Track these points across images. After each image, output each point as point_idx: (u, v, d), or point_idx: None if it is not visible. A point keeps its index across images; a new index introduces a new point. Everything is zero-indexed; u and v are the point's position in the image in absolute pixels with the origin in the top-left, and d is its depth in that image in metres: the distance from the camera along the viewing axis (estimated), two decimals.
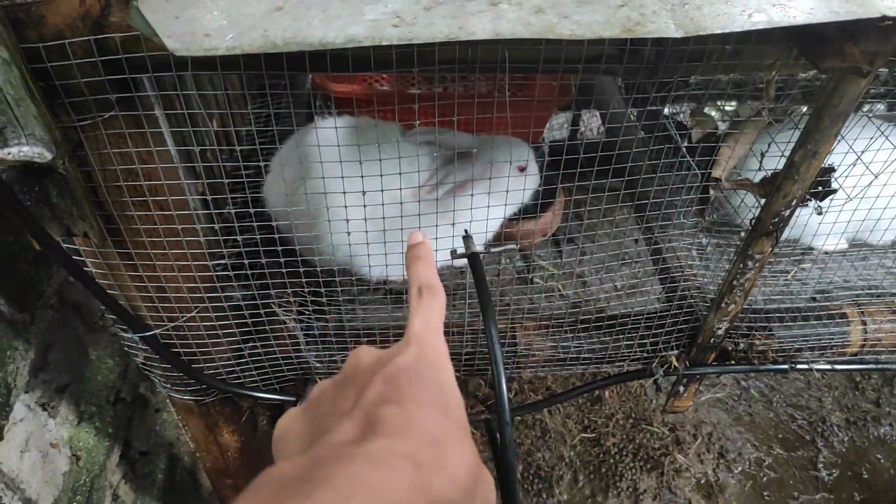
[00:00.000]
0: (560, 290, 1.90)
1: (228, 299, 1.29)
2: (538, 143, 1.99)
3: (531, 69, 0.96)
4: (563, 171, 1.58)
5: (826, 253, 1.72)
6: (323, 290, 1.50)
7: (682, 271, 1.56)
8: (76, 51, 0.85)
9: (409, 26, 0.77)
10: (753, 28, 0.79)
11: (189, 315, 1.23)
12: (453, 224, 1.25)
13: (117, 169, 0.97)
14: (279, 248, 1.22)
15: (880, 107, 1.85)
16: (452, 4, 0.82)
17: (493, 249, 1.20)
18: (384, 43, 0.75)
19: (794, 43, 0.90)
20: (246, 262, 1.23)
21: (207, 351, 1.33)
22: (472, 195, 1.44)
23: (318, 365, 1.45)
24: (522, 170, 1.67)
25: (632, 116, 1.54)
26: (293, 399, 1.46)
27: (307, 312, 1.47)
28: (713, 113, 1.48)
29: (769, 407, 3.02)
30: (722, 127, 1.46)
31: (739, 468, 2.81)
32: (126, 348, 1.34)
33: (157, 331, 1.24)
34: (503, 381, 1.11)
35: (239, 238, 1.21)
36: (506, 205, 1.64)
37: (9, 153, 0.87)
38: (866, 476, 2.81)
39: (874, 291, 1.64)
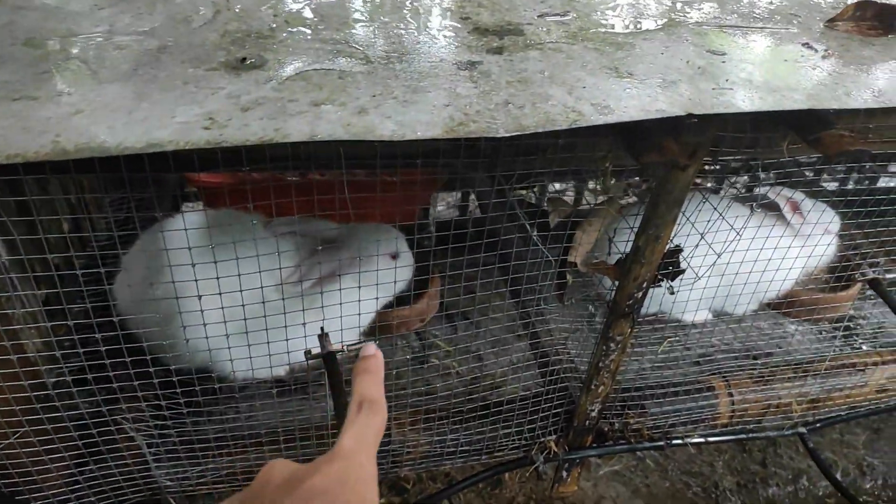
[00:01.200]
0: (457, 370, 1.86)
1: (62, 418, 1.15)
2: (412, 223, 1.99)
3: (369, 164, 0.94)
4: (442, 250, 1.57)
5: (692, 325, 1.78)
6: (179, 398, 1.38)
7: (556, 352, 1.56)
8: None
9: (221, 129, 0.74)
10: (573, 126, 0.81)
11: (6, 442, 1.09)
12: (323, 319, 1.20)
13: None
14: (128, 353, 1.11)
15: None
16: (273, 105, 0.79)
17: (349, 348, 1.15)
18: (190, 147, 0.71)
19: (619, 139, 0.94)
20: (88, 371, 1.11)
21: (33, 479, 1.17)
22: (339, 288, 1.39)
23: (169, 484, 1.31)
24: (394, 257, 1.64)
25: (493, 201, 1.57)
26: None
27: (159, 424, 1.34)
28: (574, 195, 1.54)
29: (665, 476, 3.04)
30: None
31: None
32: None
33: None
34: None
35: (82, 345, 1.09)
36: (377, 297, 1.60)
37: None
38: None
39: (739, 361, 1.70)
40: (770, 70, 0.96)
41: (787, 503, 3.10)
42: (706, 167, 1.12)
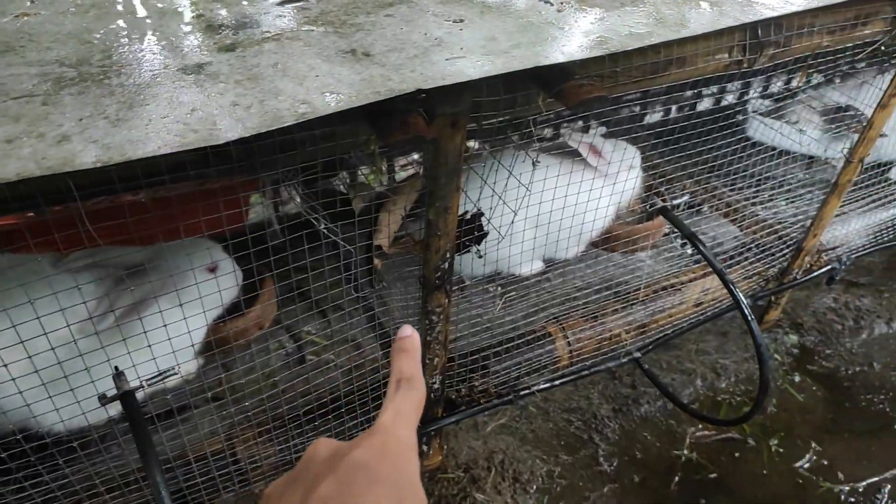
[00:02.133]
0: (334, 360, 1.82)
1: None
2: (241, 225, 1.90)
3: (108, 191, 0.87)
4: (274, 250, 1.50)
5: (525, 278, 1.84)
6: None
7: (393, 332, 1.55)
8: None
9: None
10: (301, 120, 0.79)
11: None
12: (150, 345, 1.11)
13: None
14: None
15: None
16: None
17: (149, 382, 1.08)
18: None
19: (367, 121, 0.93)
20: None
21: None
22: (159, 311, 1.30)
23: None
24: (213, 270, 1.57)
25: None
26: None
27: None
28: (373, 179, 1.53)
29: (548, 418, 3.19)
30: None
31: (534, 486, 2.92)
32: None
33: None
34: None
35: None
36: (204, 312, 1.52)
37: None
38: (640, 456, 3.08)
39: (570, 303, 1.79)
40: (506, 31, 0.98)
41: (659, 416, 3.32)
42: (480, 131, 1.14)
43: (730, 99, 2.26)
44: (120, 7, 1.03)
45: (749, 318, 1.37)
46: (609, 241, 1.81)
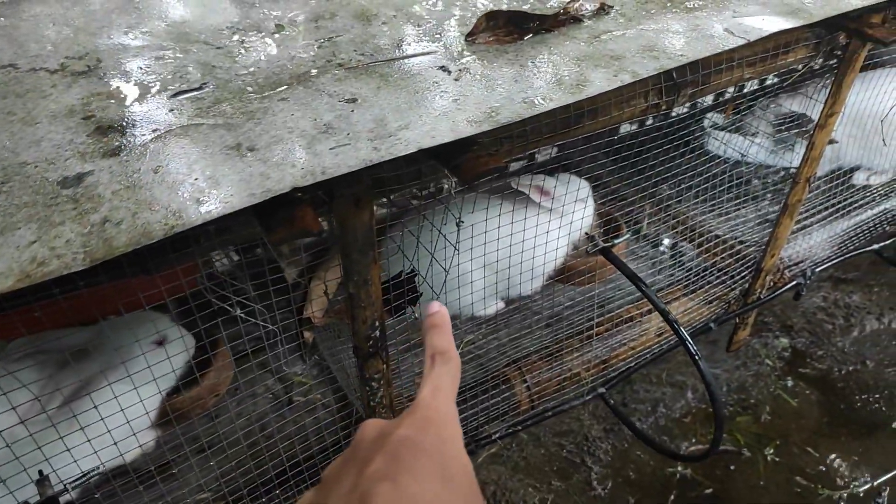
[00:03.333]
0: (322, 400, 1.80)
1: None
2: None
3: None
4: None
5: (485, 320, 1.82)
6: None
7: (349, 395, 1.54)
8: None
9: None
10: (170, 234, 0.77)
11: None
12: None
13: None
14: None
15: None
16: None
17: (71, 484, 1.07)
18: None
19: (257, 218, 0.91)
20: None
21: None
22: (109, 385, 1.28)
23: None
24: (160, 343, 1.55)
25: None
26: None
27: None
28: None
29: (539, 444, 3.15)
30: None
31: None
32: None
33: None
34: None
35: None
36: (157, 381, 1.51)
37: None
38: (634, 476, 3.03)
39: (534, 344, 1.76)
40: (398, 108, 0.96)
41: (652, 433, 3.27)
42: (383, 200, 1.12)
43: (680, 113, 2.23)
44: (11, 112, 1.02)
45: (695, 356, 1.35)
46: (566, 275, 1.78)
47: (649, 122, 1.98)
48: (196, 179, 0.84)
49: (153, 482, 1.25)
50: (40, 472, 1.07)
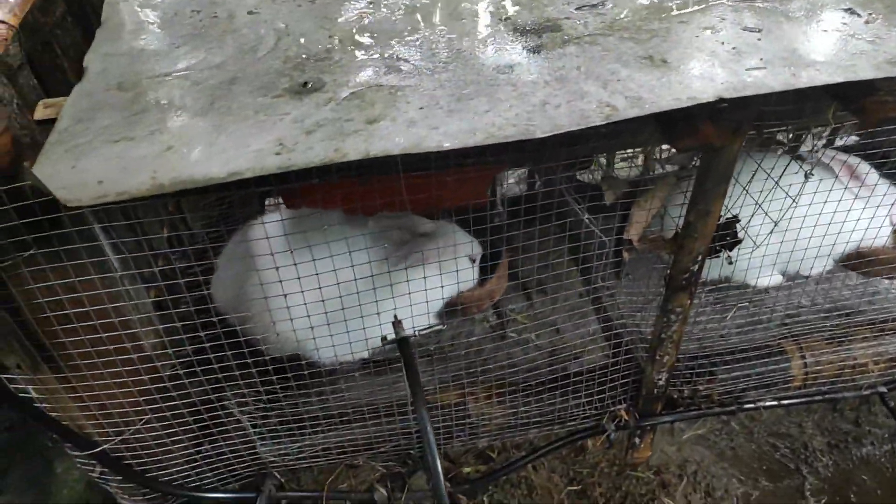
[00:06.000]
0: (534, 341, 1.94)
1: (183, 400, 1.32)
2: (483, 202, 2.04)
3: (424, 167, 1.03)
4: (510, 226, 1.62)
5: (763, 290, 1.77)
6: (275, 381, 1.53)
7: (623, 325, 1.61)
8: None
9: (289, 153, 0.84)
10: (606, 122, 0.87)
11: (135, 427, 1.26)
12: (411, 303, 1.28)
13: (43, 301, 1.02)
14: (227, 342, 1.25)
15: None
16: (332, 126, 0.89)
17: (420, 332, 1.25)
18: (264, 173, 0.82)
19: (656, 125, 0.98)
20: (196, 362, 1.27)
21: (159, 459, 1.35)
22: (424, 276, 1.46)
23: (273, 459, 1.47)
24: (474, 261, 1.72)
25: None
26: (252, 496, 1.48)
27: (260, 405, 1.50)
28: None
29: (751, 439, 3.02)
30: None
31: None
32: (79, 464, 1.36)
33: (105, 446, 1.27)
34: (438, 463, 1.14)
35: (189, 340, 1.25)
36: (458, 283, 1.68)
37: None
38: (854, 500, 2.80)
39: (812, 324, 1.69)
40: (807, 43, 0.97)
41: (884, 462, 3.00)
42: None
43: None
44: (436, 12, 1.18)
45: None
46: (868, 264, 1.67)
47: None
48: (619, 80, 0.93)
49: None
50: (395, 315, 1.27)
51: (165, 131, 0.90)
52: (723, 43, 0.99)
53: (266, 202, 2.12)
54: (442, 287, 1.50)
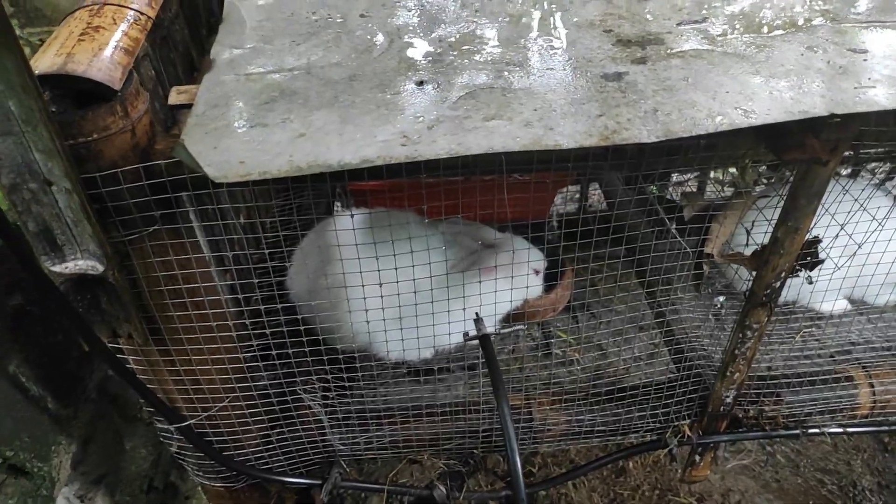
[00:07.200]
0: (578, 361, 1.96)
1: (258, 386, 1.37)
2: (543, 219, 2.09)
3: (526, 169, 1.07)
4: (573, 242, 1.66)
5: (828, 315, 1.77)
6: (345, 373, 1.58)
7: (689, 341, 1.62)
8: (126, 176, 0.98)
9: (415, 145, 0.89)
10: (717, 130, 0.90)
11: (221, 405, 1.32)
12: (480, 305, 1.32)
13: (159, 275, 1.09)
14: (303, 335, 1.31)
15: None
16: (452, 123, 0.94)
17: (502, 330, 1.29)
18: (394, 162, 0.87)
19: (761, 138, 1.01)
20: (273, 349, 1.32)
21: (238, 438, 1.40)
22: (495, 279, 1.50)
23: (342, 448, 1.51)
24: (538, 272, 1.75)
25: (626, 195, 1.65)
26: (319, 483, 1.52)
27: (331, 396, 1.54)
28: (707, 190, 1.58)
29: (797, 472, 2.97)
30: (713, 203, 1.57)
31: None
32: (161, 438, 1.42)
33: (192, 421, 1.32)
34: (517, 457, 1.17)
35: (266, 327, 1.31)
36: (527, 289, 1.71)
37: (66, 267, 0.99)
38: None
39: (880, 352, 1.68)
40: None
41: None
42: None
43: None
44: (539, 21, 1.23)
45: None
46: None
47: None
48: (727, 92, 0.96)
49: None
50: (476, 313, 1.31)
51: (296, 120, 0.96)
52: (828, 62, 1.02)
53: (335, 201, 2.19)
54: (511, 297, 1.52)
